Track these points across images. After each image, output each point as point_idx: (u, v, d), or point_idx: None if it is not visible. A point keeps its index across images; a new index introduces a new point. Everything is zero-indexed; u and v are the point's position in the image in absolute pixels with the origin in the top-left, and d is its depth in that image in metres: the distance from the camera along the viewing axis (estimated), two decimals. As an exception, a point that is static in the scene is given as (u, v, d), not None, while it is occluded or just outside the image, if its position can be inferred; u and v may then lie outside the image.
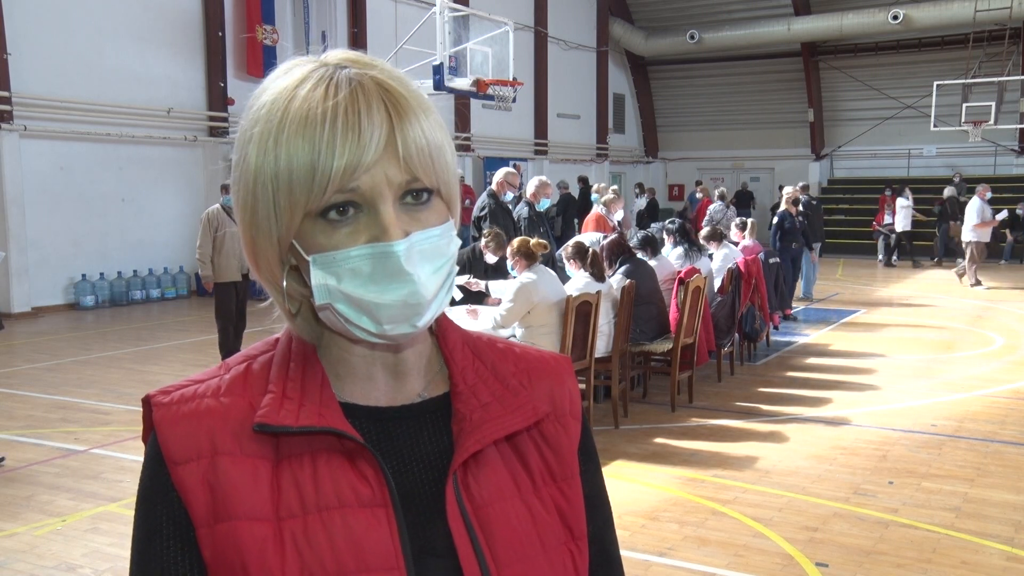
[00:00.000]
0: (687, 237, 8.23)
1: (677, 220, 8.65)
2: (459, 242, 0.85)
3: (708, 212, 14.65)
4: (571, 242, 6.48)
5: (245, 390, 0.84)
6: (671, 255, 7.93)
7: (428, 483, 0.85)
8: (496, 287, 6.69)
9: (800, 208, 11.24)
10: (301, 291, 0.84)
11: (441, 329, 0.92)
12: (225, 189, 7.81)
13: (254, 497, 0.79)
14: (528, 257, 5.67)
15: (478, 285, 6.73)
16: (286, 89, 0.80)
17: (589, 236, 8.60)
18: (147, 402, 0.84)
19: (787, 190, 11.63)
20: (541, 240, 5.89)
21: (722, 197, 14.93)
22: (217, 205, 7.71)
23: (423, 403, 0.88)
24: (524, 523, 0.86)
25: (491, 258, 7.14)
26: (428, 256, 0.80)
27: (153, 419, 0.83)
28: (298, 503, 0.80)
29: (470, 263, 7.18)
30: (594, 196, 10.76)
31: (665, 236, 8.36)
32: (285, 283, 0.84)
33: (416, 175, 0.79)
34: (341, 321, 0.81)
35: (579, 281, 6.04)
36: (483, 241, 7.18)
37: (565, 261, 6.27)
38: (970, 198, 18.70)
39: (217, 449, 0.81)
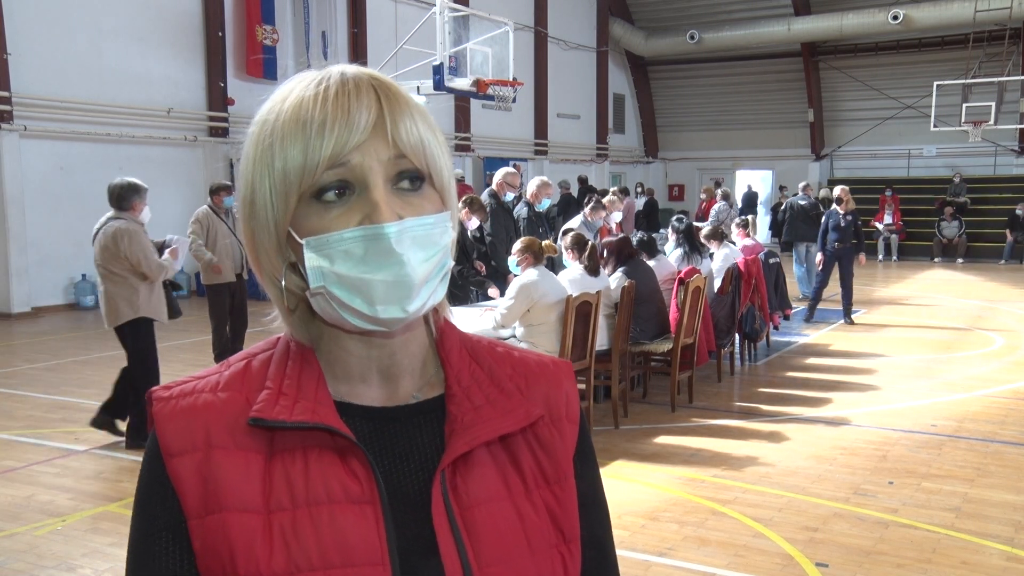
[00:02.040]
0: (690, 239, 8.19)
1: (684, 219, 8.61)
2: (453, 235, 0.86)
3: (713, 211, 14.63)
4: (571, 232, 6.50)
5: (243, 386, 0.86)
6: (671, 255, 7.93)
7: (419, 483, 0.86)
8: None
9: (849, 207, 10.69)
10: (300, 285, 0.85)
11: (439, 332, 0.94)
12: (214, 192, 7.70)
13: (245, 489, 0.81)
14: (536, 257, 5.72)
15: (494, 292, 6.82)
16: (284, 91, 0.84)
17: (573, 222, 8.71)
18: (149, 398, 0.87)
19: (837, 190, 11.03)
20: (552, 243, 5.95)
21: (726, 197, 14.89)
22: (204, 207, 7.57)
23: (417, 404, 0.90)
24: (512, 525, 0.86)
25: (473, 223, 7.25)
26: (420, 243, 0.81)
27: (152, 413, 0.85)
28: (288, 497, 0.81)
29: (462, 244, 7.25)
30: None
31: (670, 233, 8.34)
32: (284, 280, 0.85)
33: (405, 154, 0.82)
34: (334, 306, 0.82)
35: (573, 272, 6.08)
36: (462, 209, 7.25)
37: (563, 250, 6.30)
38: (967, 199, 18.74)
39: (212, 442, 0.83)
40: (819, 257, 10.75)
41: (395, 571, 0.81)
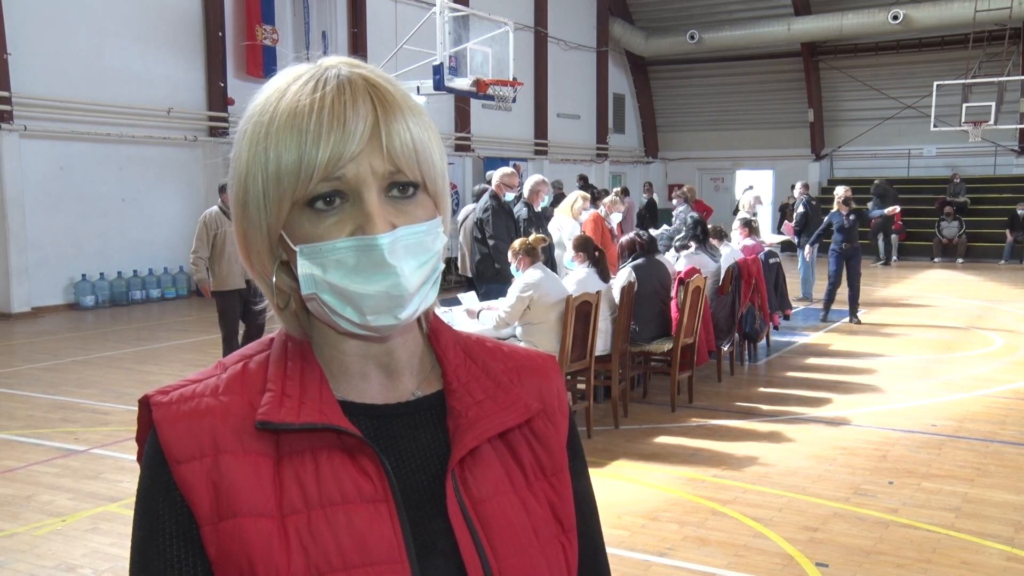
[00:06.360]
0: (705, 236, 8.16)
1: (698, 217, 8.64)
2: (445, 239, 0.87)
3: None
4: (576, 234, 6.47)
5: (244, 389, 0.86)
6: (683, 256, 7.95)
7: (426, 479, 0.87)
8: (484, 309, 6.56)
9: (851, 207, 10.81)
10: (290, 284, 0.86)
11: (432, 329, 0.95)
12: (223, 190, 7.62)
13: (257, 494, 0.81)
14: (530, 255, 5.69)
15: (473, 312, 6.67)
16: (278, 89, 0.83)
17: (560, 221, 8.72)
18: (145, 402, 0.85)
19: (838, 191, 11.16)
20: (539, 235, 5.90)
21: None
22: (215, 207, 7.34)
23: (418, 401, 0.90)
24: (520, 517, 0.88)
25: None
26: (413, 251, 0.82)
27: (153, 419, 0.84)
28: (301, 499, 0.81)
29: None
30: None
31: (684, 231, 8.35)
32: (275, 278, 0.86)
33: (399, 167, 0.82)
34: (327, 312, 0.83)
35: (580, 273, 6.06)
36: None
37: (571, 251, 6.24)
38: (967, 199, 18.72)
39: (219, 447, 0.82)
40: (808, 250, 11.67)
41: (413, 568, 0.81)
